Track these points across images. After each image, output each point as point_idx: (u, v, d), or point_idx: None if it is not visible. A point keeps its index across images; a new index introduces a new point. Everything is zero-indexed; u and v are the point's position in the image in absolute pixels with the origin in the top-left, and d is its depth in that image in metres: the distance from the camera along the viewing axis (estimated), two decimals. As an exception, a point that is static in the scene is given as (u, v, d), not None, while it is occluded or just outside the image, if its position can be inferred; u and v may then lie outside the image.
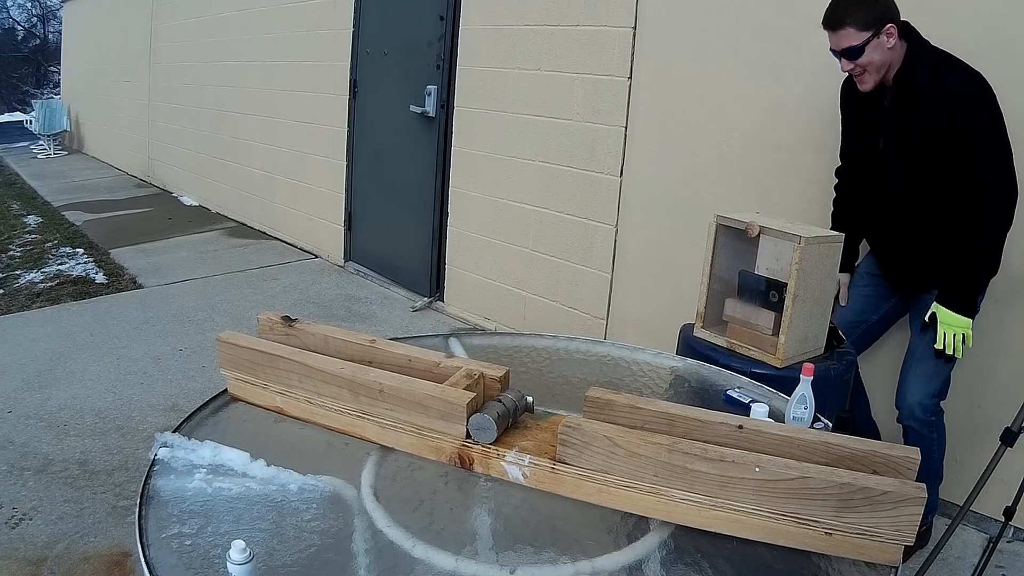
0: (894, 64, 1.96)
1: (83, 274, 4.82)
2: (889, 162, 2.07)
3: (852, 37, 1.91)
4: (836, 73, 2.50)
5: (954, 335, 1.94)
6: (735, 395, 1.62)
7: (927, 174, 2.00)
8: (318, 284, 4.80)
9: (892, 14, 1.92)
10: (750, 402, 1.56)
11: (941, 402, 2.12)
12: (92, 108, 10.68)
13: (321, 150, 5.21)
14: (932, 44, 1.97)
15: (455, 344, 1.86)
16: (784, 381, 1.71)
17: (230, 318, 4.08)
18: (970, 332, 1.94)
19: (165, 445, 1.32)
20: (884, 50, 1.92)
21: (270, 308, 1.71)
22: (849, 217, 2.26)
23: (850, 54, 1.93)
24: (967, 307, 1.95)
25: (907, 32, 1.97)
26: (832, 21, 1.94)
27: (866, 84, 1.99)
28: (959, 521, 1.81)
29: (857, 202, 2.24)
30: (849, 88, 2.14)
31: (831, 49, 1.98)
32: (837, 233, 2.03)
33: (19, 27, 21.75)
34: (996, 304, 2.23)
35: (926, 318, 2.01)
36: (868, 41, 1.90)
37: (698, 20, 2.86)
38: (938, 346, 1.96)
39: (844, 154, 2.28)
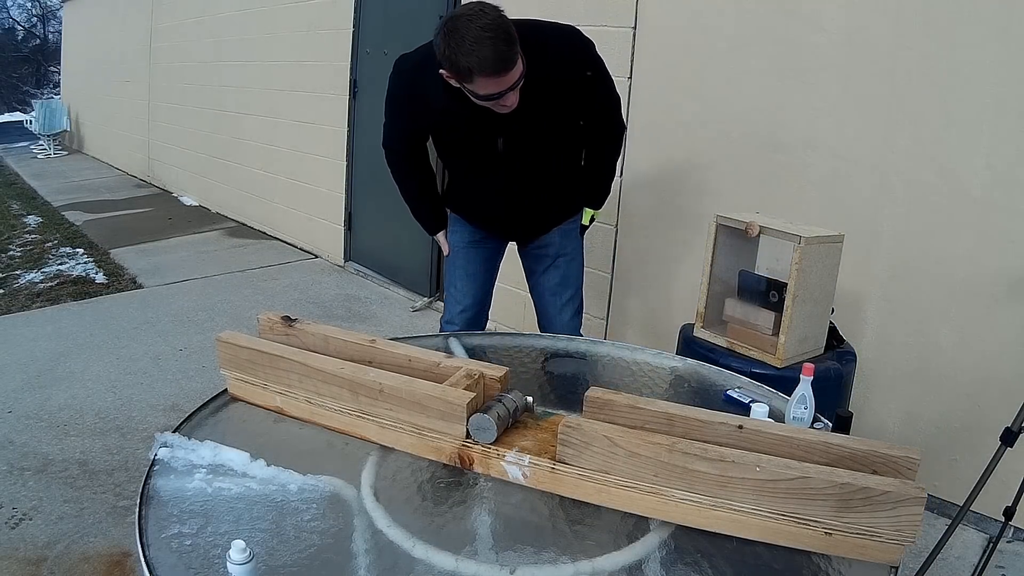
0: None
1: (83, 274, 4.82)
2: (512, 154, 2.07)
3: (519, 68, 1.79)
4: (837, 73, 2.51)
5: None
6: (735, 395, 1.62)
7: (554, 140, 2.13)
8: (318, 284, 4.80)
9: None
10: (750, 402, 1.56)
11: None
12: (92, 108, 10.68)
13: (321, 150, 5.21)
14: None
15: (455, 344, 1.86)
16: (784, 381, 1.71)
17: (230, 318, 4.08)
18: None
19: (165, 445, 1.32)
20: None
21: (270, 308, 1.71)
22: (436, 196, 2.37)
23: (517, 84, 1.81)
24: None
25: None
26: (506, 61, 1.73)
27: (510, 107, 1.87)
28: (959, 521, 1.81)
29: (433, 185, 2.35)
30: (416, 101, 2.05)
31: (491, 94, 1.80)
32: (837, 233, 2.03)
33: (19, 27, 21.75)
34: (996, 304, 2.24)
35: (585, 222, 2.36)
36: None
37: (698, 20, 2.86)
38: (585, 222, 2.37)
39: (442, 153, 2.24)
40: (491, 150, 2.07)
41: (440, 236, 2.37)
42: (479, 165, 2.15)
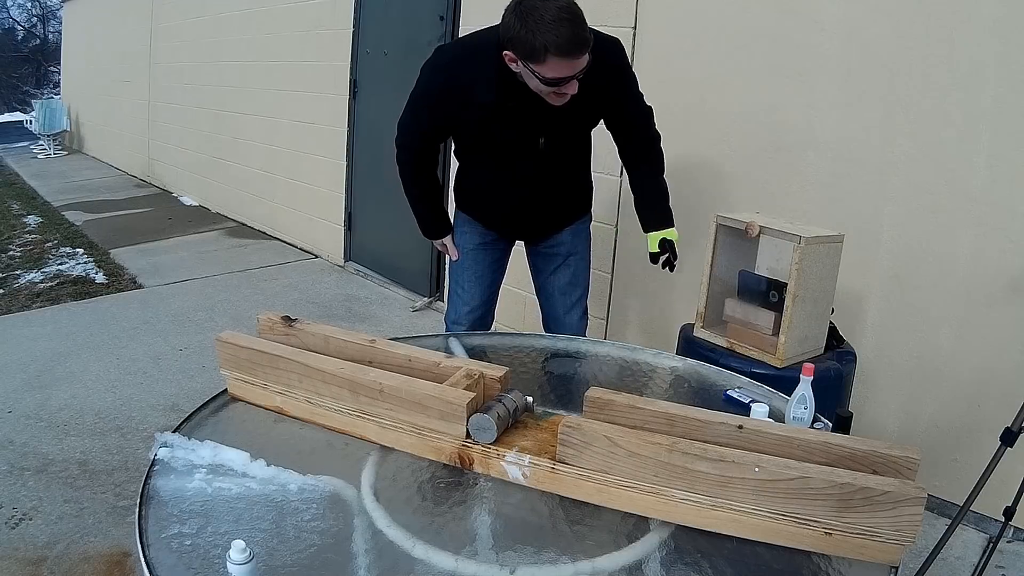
0: None
1: (83, 274, 4.82)
2: (551, 152, 2.07)
3: (587, 55, 1.77)
4: (838, 73, 2.51)
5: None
6: (735, 395, 1.62)
7: (584, 139, 2.14)
8: (318, 284, 4.80)
9: None
10: (750, 402, 1.56)
11: None
12: (92, 108, 10.68)
13: (321, 150, 5.21)
14: None
15: (455, 344, 1.86)
16: (784, 381, 1.71)
17: (230, 318, 4.08)
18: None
19: (165, 445, 1.32)
20: None
21: (270, 308, 1.71)
22: (441, 201, 2.34)
23: (582, 73, 1.79)
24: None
25: None
26: (582, 44, 1.73)
27: (567, 98, 1.86)
28: (959, 521, 1.81)
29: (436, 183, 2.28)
30: (454, 97, 1.99)
31: (559, 78, 1.77)
32: (837, 233, 2.03)
33: (19, 27, 21.76)
34: (996, 304, 2.24)
35: (654, 249, 2.12)
36: None
37: (698, 20, 2.86)
38: (654, 248, 2.14)
39: (465, 151, 2.19)
40: (531, 147, 2.04)
41: (447, 240, 2.33)
42: (512, 162, 2.09)
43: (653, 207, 2.15)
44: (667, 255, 2.11)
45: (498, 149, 2.09)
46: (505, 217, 2.26)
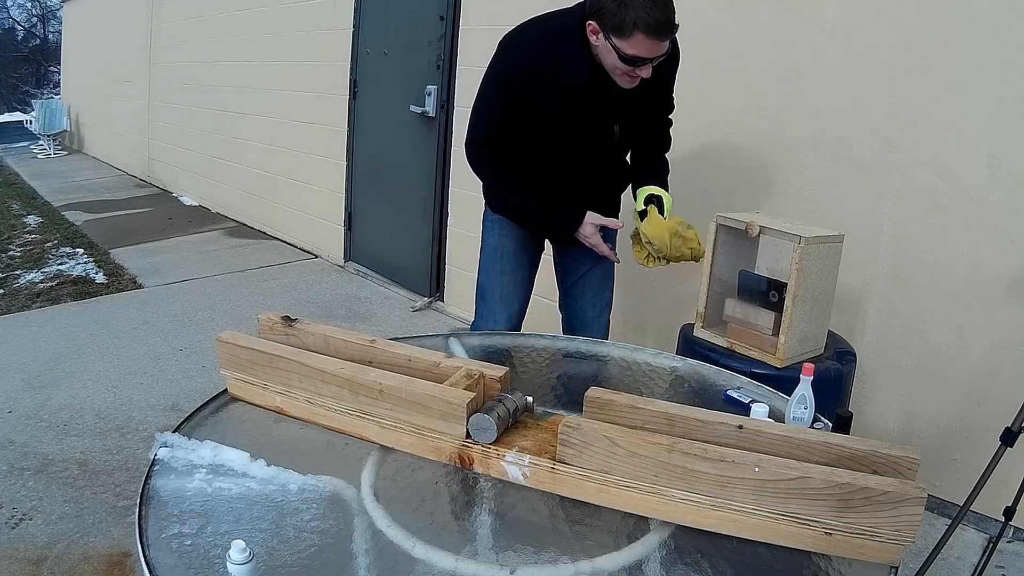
0: None
1: (83, 274, 4.82)
2: (624, 142, 2.06)
3: (667, 42, 1.78)
4: (839, 73, 2.51)
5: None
6: (735, 395, 1.62)
7: (644, 131, 2.10)
8: (318, 284, 4.80)
9: None
10: (750, 402, 1.56)
11: None
12: (92, 108, 10.68)
13: (321, 150, 5.21)
14: None
15: (455, 344, 1.86)
16: (784, 381, 1.71)
17: (230, 318, 4.08)
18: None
19: (165, 445, 1.32)
20: None
21: (270, 308, 1.71)
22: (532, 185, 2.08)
23: (662, 57, 1.79)
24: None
25: None
26: (671, 27, 1.74)
27: (637, 81, 1.85)
28: (959, 521, 1.81)
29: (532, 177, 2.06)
30: (534, 82, 1.89)
31: (641, 57, 1.75)
32: (837, 233, 2.03)
33: (19, 27, 21.77)
34: (996, 304, 2.24)
35: (641, 208, 2.00)
36: None
37: (698, 20, 2.86)
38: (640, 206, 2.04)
39: (546, 142, 2.00)
40: (607, 135, 2.00)
41: (590, 228, 2.02)
42: (586, 152, 2.02)
43: (649, 168, 2.11)
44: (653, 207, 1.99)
45: (575, 137, 1.98)
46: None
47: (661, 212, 2.00)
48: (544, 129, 1.97)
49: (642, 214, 2.01)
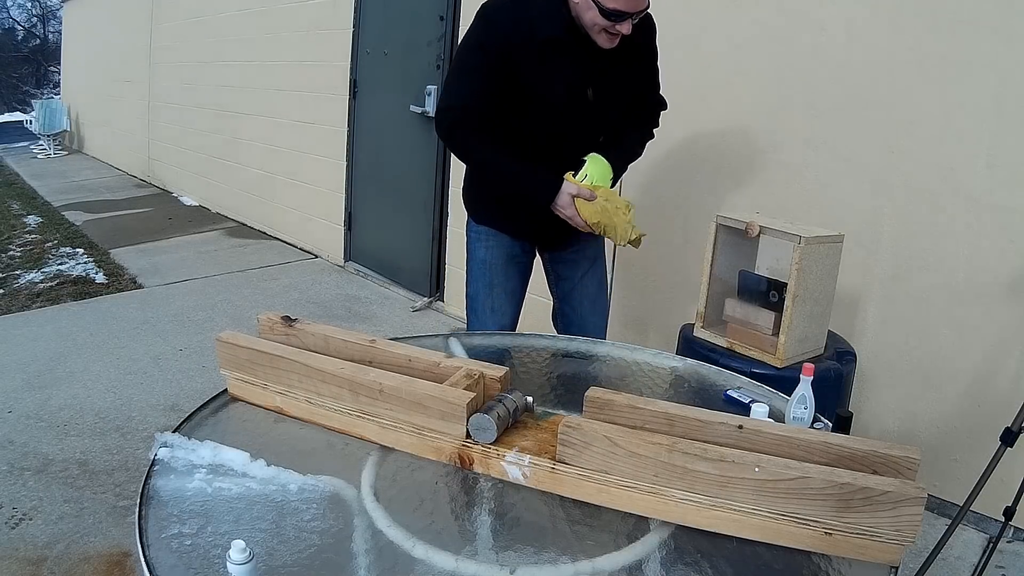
0: None
1: (83, 274, 4.82)
2: (599, 108, 1.96)
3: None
4: (838, 73, 2.51)
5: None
6: (735, 395, 1.62)
7: (622, 113, 2.03)
8: (318, 284, 4.80)
9: None
10: (750, 402, 1.56)
11: None
12: (92, 108, 10.68)
13: (321, 150, 5.21)
14: None
15: (455, 344, 1.86)
16: (784, 381, 1.71)
17: (230, 318, 4.08)
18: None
19: (165, 445, 1.32)
20: None
21: (270, 308, 1.71)
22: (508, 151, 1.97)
23: (639, 15, 1.79)
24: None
25: None
26: None
27: (616, 40, 1.84)
28: (959, 521, 1.81)
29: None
30: (510, 45, 1.85)
31: (621, 11, 1.74)
32: (837, 233, 2.03)
33: (19, 27, 21.78)
34: (996, 304, 2.24)
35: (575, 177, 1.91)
36: None
37: (698, 20, 2.86)
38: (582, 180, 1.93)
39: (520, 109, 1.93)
40: (580, 99, 1.92)
41: (569, 184, 1.90)
42: (552, 118, 1.93)
43: (614, 140, 2.02)
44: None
45: (550, 99, 1.91)
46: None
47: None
48: (519, 96, 1.90)
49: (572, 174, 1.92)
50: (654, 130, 2.16)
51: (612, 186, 1.97)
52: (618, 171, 2.01)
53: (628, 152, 2.07)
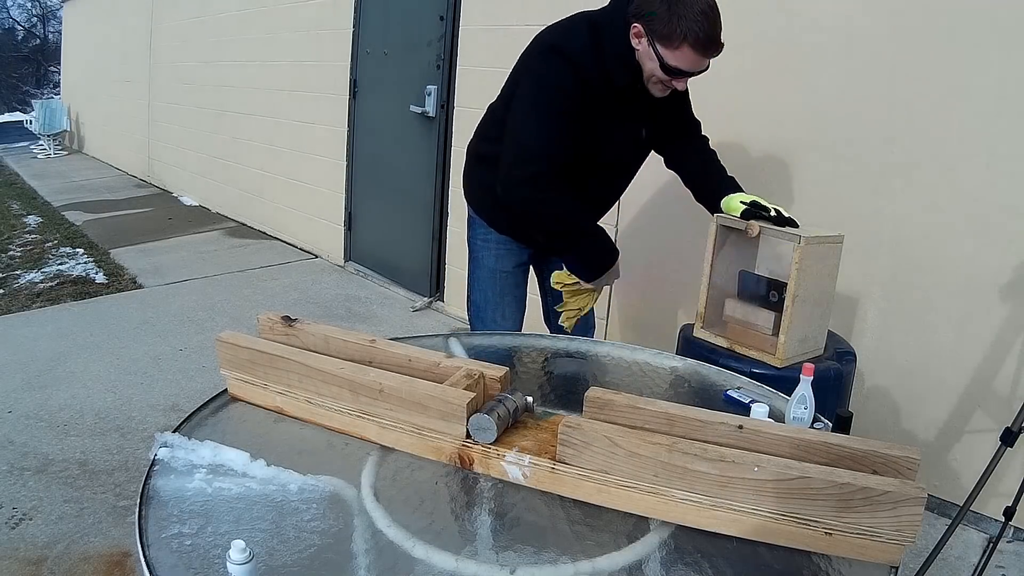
0: None
1: (83, 274, 4.82)
2: (648, 145, 2.06)
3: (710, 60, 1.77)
4: (837, 73, 2.51)
5: None
6: (735, 395, 1.62)
7: (673, 135, 2.14)
8: (318, 284, 4.80)
9: None
10: (750, 402, 1.56)
11: None
12: (92, 108, 10.68)
13: (321, 150, 5.21)
14: None
15: (455, 344, 1.86)
16: (784, 381, 1.71)
17: (230, 318, 4.08)
18: None
19: (165, 445, 1.32)
20: None
21: (270, 308, 1.71)
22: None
23: (698, 75, 1.80)
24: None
25: None
26: (718, 46, 1.73)
27: (668, 92, 1.86)
28: (959, 521, 1.81)
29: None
30: (587, 90, 1.80)
31: (681, 70, 1.75)
32: (837, 233, 2.03)
33: (19, 27, 21.78)
34: (996, 304, 2.24)
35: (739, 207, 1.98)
36: None
37: (698, 20, 2.86)
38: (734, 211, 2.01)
39: (582, 155, 1.89)
40: (636, 138, 1.99)
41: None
42: (608, 157, 1.96)
43: (720, 173, 2.10)
44: (753, 206, 1.93)
45: (608, 140, 1.90)
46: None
47: (766, 212, 1.95)
48: (583, 139, 1.85)
49: (746, 214, 1.95)
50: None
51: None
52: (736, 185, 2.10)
53: (728, 175, 2.13)
